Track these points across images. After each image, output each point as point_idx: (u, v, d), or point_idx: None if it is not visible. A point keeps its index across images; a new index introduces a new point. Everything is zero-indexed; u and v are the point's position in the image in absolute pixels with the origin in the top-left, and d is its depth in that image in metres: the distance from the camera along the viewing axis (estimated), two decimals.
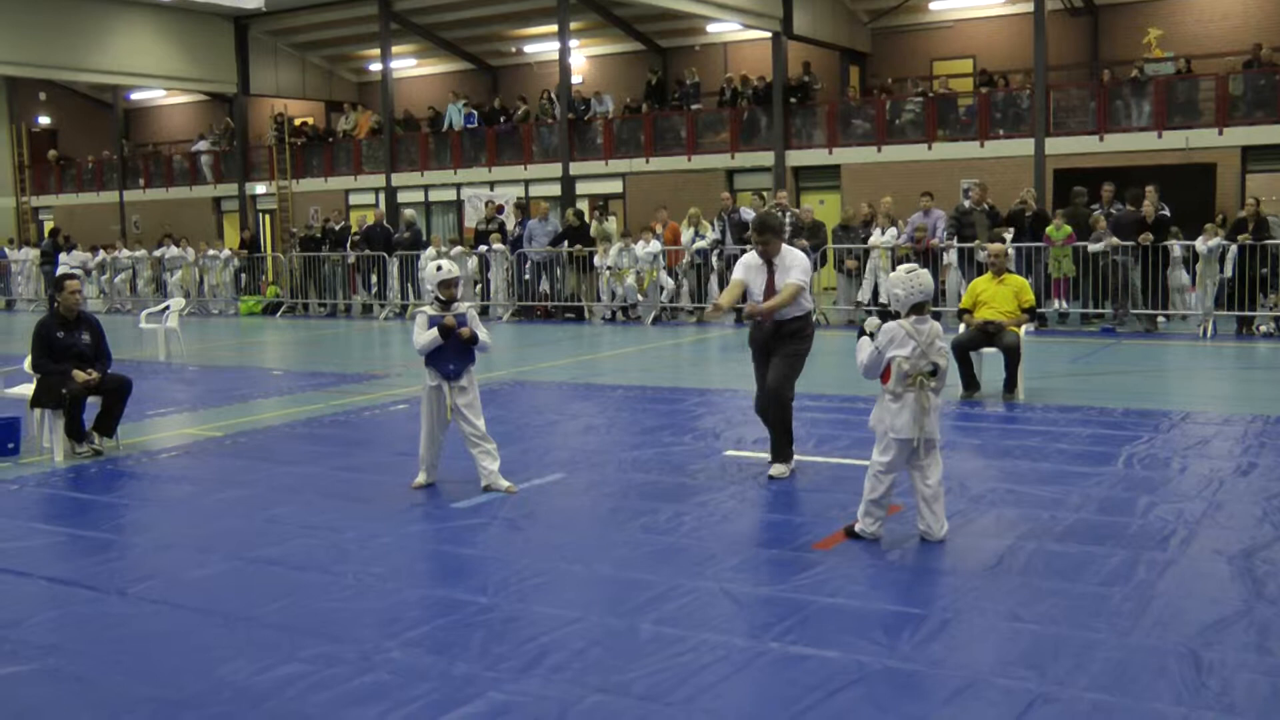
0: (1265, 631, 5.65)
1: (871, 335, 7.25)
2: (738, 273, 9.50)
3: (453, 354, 8.86)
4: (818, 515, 7.96)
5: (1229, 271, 19.17)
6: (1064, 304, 20.86)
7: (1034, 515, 7.77)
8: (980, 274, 15.20)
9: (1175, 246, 19.43)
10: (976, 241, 20.36)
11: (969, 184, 22.99)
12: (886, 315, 7.31)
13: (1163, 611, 5.96)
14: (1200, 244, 19.13)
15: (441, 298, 8.91)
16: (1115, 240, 19.57)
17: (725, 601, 6.22)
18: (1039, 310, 18.19)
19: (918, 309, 7.17)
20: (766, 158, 31.50)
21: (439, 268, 8.97)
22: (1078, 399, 12.68)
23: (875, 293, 20.99)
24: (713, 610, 6.09)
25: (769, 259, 9.24)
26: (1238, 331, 19.05)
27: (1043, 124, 27.74)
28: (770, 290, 9.18)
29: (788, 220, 22.37)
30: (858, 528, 7.28)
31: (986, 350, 12.91)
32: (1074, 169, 26.61)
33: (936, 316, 7.64)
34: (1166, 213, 20.11)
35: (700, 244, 23.06)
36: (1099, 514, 7.84)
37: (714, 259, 23.11)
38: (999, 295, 13.06)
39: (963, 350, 12.74)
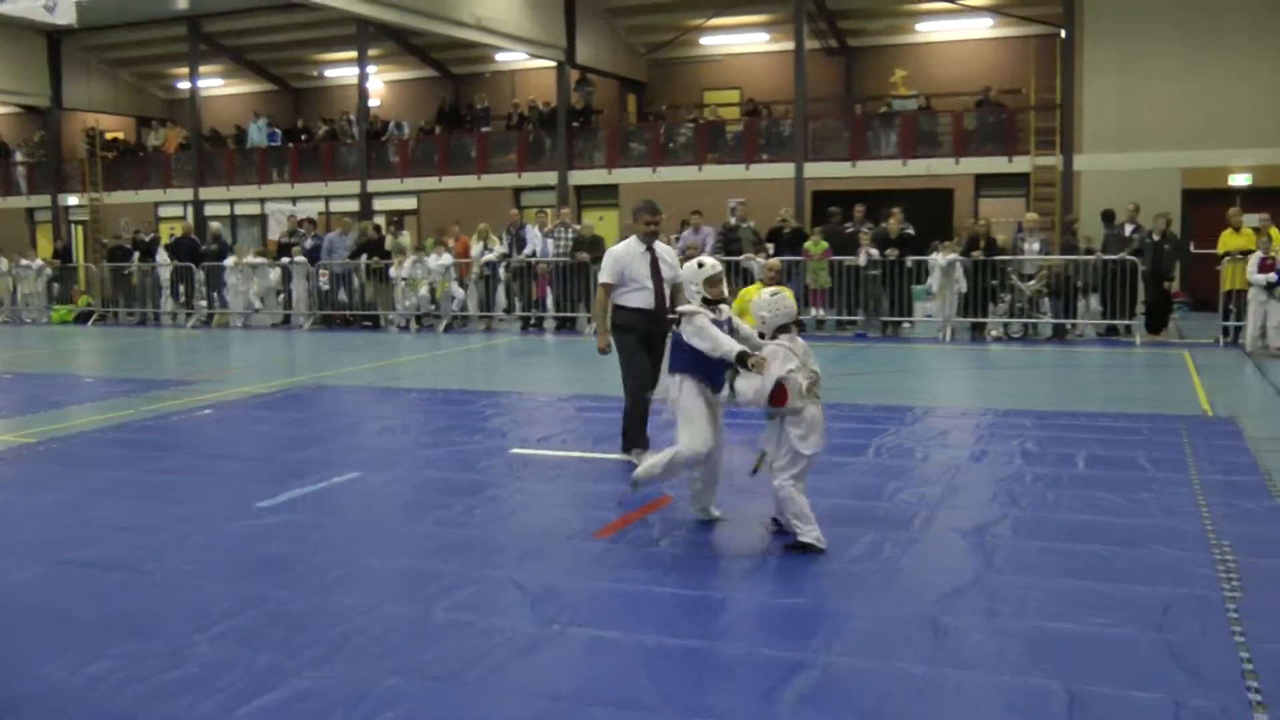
0: (994, 596, 5.95)
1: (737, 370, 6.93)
2: (609, 270, 9.16)
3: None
4: (599, 507, 8.00)
5: (964, 285, 19.95)
6: (821, 311, 21.41)
7: None
8: (748, 284, 15.49)
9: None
10: (743, 255, 20.76)
11: (735, 203, 23.42)
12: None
13: (907, 584, 6.19)
14: (939, 258, 19.88)
15: (709, 296, 7.31)
16: (875, 254, 20.19)
17: (513, 589, 6.21)
18: (800, 319, 18.65)
19: (783, 329, 6.99)
20: (551, 177, 31.51)
21: (700, 264, 7.40)
22: (833, 397, 12.98)
23: None
24: (501, 598, 6.08)
25: (650, 243, 9.20)
26: (972, 336, 19.89)
27: (802, 150, 28.44)
28: (658, 278, 9.12)
29: (569, 236, 22.49)
30: (809, 539, 6.78)
31: None
32: (830, 191, 27.26)
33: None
34: (911, 231, 20.84)
35: (489, 257, 22.97)
36: (852, 499, 8.10)
37: (501, 270, 23.06)
38: None
39: None
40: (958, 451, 9.81)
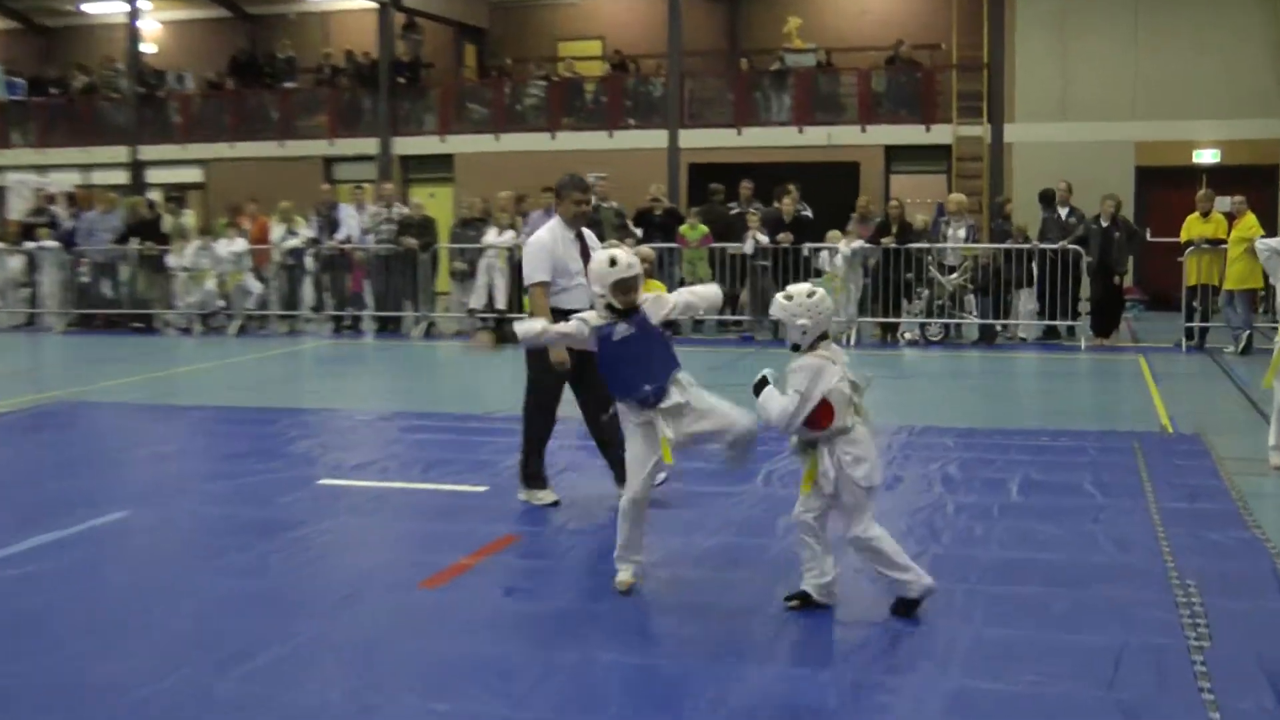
0: (910, 650, 6.04)
1: (766, 382, 6.80)
2: (543, 264, 8.89)
3: (638, 364, 6.93)
4: (429, 549, 7.93)
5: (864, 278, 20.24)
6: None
7: (666, 541, 7.93)
8: None
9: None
10: (605, 241, 20.73)
11: (595, 178, 23.42)
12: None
13: (804, 638, 6.23)
14: (844, 247, 20.08)
15: (618, 305, 6.93)
16: (764, 240, 20.30)
17: (322, 652, 6.11)
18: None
19: (823, 337, 6.68)
20: (370, 145, 31.25)
21: (613, 261, 6.90)
22: None
23: (490, 299, 21.07)
24: (307, 663, 5.97)
25: (579, 228, 9.10)
26: (882, 339, 20.16)
27: (677, 115, 28.56)
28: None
29: (395, 215, 22.29)
30: (914, 594, 6.50)
31: None
32: (711, 164, 27.46)
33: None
34: (808, 213, 21.05)
35: (293, 243, 22.67)
36: (737, 536, 8.12)
37: (309, 259, 22.77)
38: None
39: None
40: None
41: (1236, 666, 5.72)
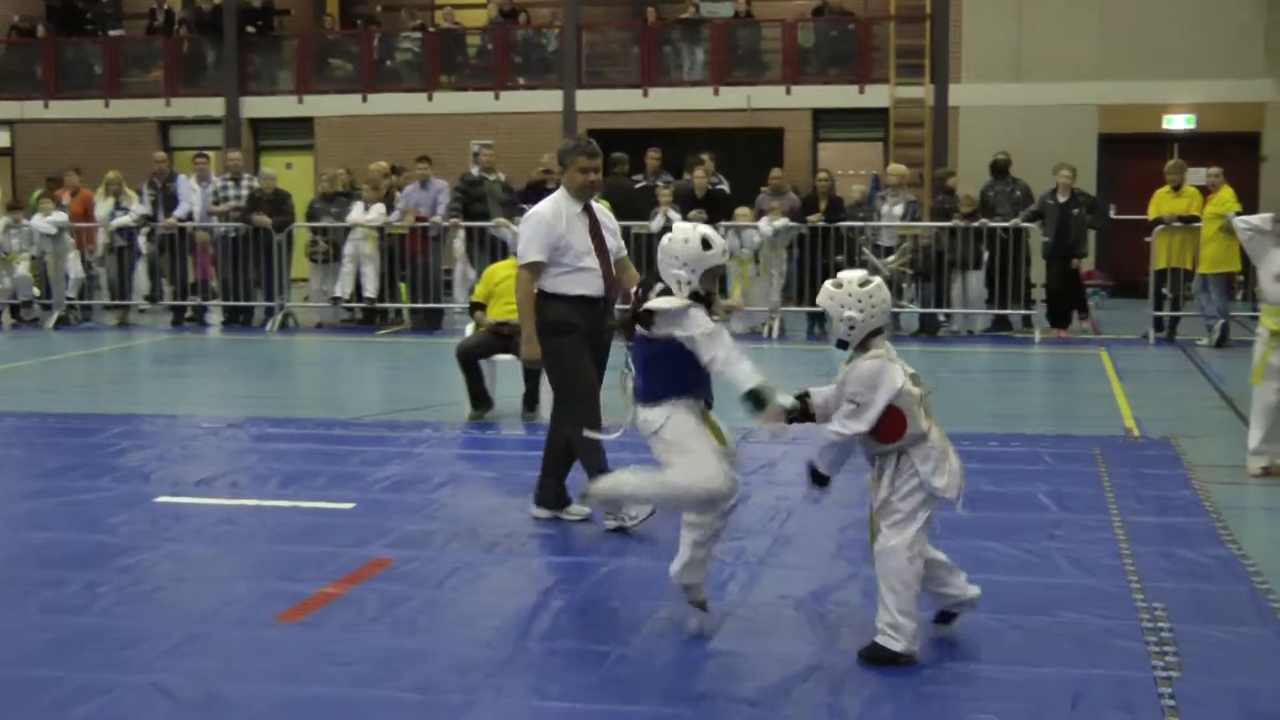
0: (838, 688, 6.06)
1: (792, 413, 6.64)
2: (538, 241, 8.82)
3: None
4: (286, 576, 7.89)
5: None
6: None
7: (559, 564, 7.95)
8: (498, 259, 15.41)
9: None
10: (492, 221, 20.66)
11: (479, 145, 23.39)
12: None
13: (719, 673, 6.27)
14: (765, 225, 20.16)
15: (702, 292, 6.91)
16: (675, 217, 20.26)
17: (159, 700, 6.04)
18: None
19: (876, 333, 6.57)
20: (215, 105, 30.99)
21: (707, 243, 7.04)
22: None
23: (358, 287, 20.94)
24: (142, 713, 5.92)
25: (588, 200, 9.04)
26: (809, 331, 20.23)
27: (574, 72, 28.57)
28: (604, 251, 8.93)
29: (244, 188, 22.10)
30: (901, 648, 6.28)
31: (501, 357, 13.05)
32: (613, 130, 27.31)
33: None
34: (724, 187, 21.12)
35: (123, 220, 22.44)
36: (650, 558, 8.13)
37: (142, 240, 22.54)
38: None
39: (470, 358, 12.86)
40: (788, 490, 9.92)
41: (1210, 700, 5.83)
